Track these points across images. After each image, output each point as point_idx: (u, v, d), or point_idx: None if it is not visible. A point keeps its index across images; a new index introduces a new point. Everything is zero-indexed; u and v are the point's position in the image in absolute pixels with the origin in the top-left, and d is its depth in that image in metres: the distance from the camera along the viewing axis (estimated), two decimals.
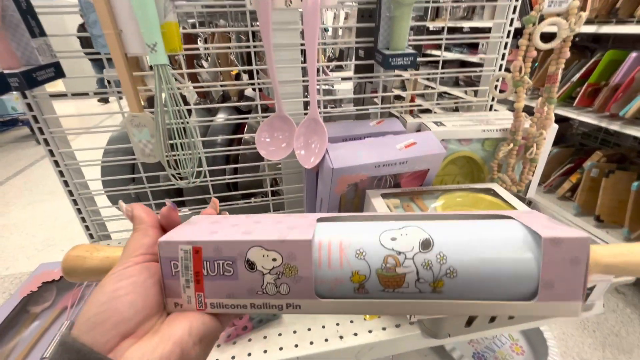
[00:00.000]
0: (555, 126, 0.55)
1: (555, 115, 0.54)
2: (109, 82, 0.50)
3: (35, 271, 0.55)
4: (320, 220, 0.24)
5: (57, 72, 0.47)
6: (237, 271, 0.21)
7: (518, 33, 0.52)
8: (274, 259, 0.21)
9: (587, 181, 1.48)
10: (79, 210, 0.61)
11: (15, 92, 0.47)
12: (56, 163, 0.56)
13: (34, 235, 1.86)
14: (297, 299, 0.21)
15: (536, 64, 1.61)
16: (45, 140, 0.54)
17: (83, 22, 0.43)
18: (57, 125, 0.55)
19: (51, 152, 0.55)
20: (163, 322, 0.21)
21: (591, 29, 1.35)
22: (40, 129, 0.53)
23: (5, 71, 0.40)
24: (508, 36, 0.62)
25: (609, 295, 1.40)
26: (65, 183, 0.58)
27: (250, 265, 0.21)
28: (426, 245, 0.21)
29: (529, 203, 0.54)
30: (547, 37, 0.47)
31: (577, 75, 1.47)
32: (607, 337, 1.24)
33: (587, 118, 1.42)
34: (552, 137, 0.57)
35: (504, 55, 0.64)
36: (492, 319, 0.41)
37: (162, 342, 0.19)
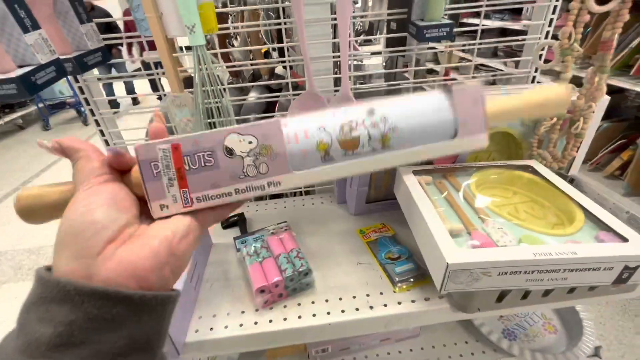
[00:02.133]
0: (607, 98, 0.51)
1: (609, 85, 0.50)
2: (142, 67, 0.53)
3: None
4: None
5: (104, 56, 0.50)
6: (217, 160, 0.22)
7: None
8: (250, 142, 0.23)
9: None
10: None
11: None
12: (106, 142, 0.61)
13: None
14: (276, 175, 0.23)
15: (588, 29, 1.45)
16: (96, 122, 0.59)
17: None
18: (106, 107, 0.59)
19: (101, 132, 0.60)
20: (145, 229, 0.21)
21: None
22: (91, 110, 0.57)
23: (61, 57, 0.43)
24: None
25: None
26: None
27: (229, 152, 0.22)
28: (370, 112, 0.25)
29: (572, 181, 0.51)
30: (601, 1, 0.43)
31: (637, 41, 1.32)
32: None
33: None
34: (603, 111, 0.53)
35: (551, 20, 0.59)
36: (525, 295, 0.41)
37: (149, 240, 0.20)
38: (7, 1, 0.35)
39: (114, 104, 3.60)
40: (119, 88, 3.90)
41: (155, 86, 2.71)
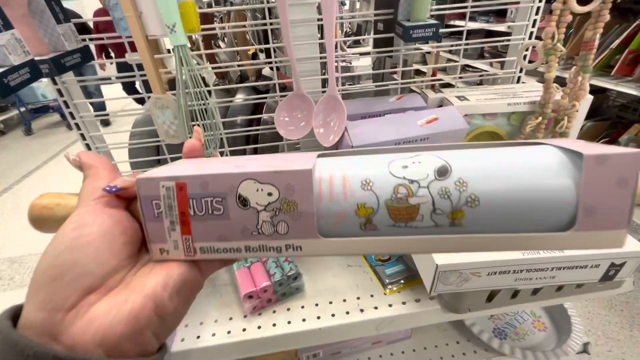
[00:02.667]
0: (590, 97, 0.52)
1: (591, 85, 0.50)
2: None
3: None
4: (321, 156, 0.21)
5: (83, 57, 0.48)
6: (227, 209, 0.18)
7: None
8: (270, 194, 0.18)
9: None
10: None
11: (44, 78, 0.49)
12: (88, 147, 0.59)
13: None
14: (298, 238, 0.19)
15: (570, 31, 1.49)
16: (77, 125, 0.57)
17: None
18: (87, 110, 0.57)
19: (82, 136, 0.58)
20: (135, 275, 0.18)
21: None
22: (71, 113, 0.55)
23: (36, 58, 0.42)
24: (541, 0, 0.57)
25: (635, 278, 1.35)
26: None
27: (243, 202, 0.18)
28: (443, 172, 0.18)
29: None
30: (583, 2, 0.43)
31: (617, 42, 1.36)
32: (635, 317, 1.21)
33: (626, 88, 1.32)
34: (586, 110, 0.54)
35: (535, 21, 0.60)
36: (514, 294, 0.41)
37: (133, 295, 0.17)
38: None
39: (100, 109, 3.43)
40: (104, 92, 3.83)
41: (133, 93, 2.52)
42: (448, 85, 0.64)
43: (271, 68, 0.58)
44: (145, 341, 0.17)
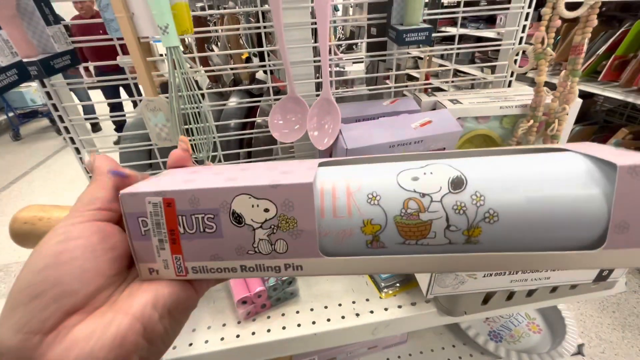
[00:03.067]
0: (579, 101, 0.53)
1: (579, 90, 0.52)
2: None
3: None
4: (322, 165, 0.19)
5: (73, 59, 0.47)
6: (220, 227, 0.17)
7: (540, 5, 0.49)
8: (266, 210, 0.16)
9: None
10: None
11: (33, 83, 0.48)
12: (77, 150, 0.58)
13: None
14: (298, 257, 0.17)
15: (558, 38, 1.53)
16: (66, 128, 0.55)
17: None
18: (76, 114, 0.56)
19: (72, 140, 0.57)
20: (122, 293, 0.17)
21: None
22: (60, 117, 0.54)
23: (24, 59, 0.41)
24: (530, 6, 0.58)
25: (630, 276, 1.37)
26: (87, 170, 0.60)
27: (237, 219, 0.17)
28: (458, 184, 0.16)
29: None
30: (571, 7, 0.44)
31: (603, 48, 1.40)
32: (627, 318, 1.22)
33: (613, 93, 1.35)
34: (576, 113, 0.54)
35: (524, 27, 0.61)
36: (510, 296, 0.41)
37: (118, 316, 0.15)
38: None
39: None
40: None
41: (117, 105, 2.42)
42: (440, 90, 0.65)
43: (265, 72, 0.58)
44: None
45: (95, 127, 3.07)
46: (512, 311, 0.47)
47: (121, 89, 2.69)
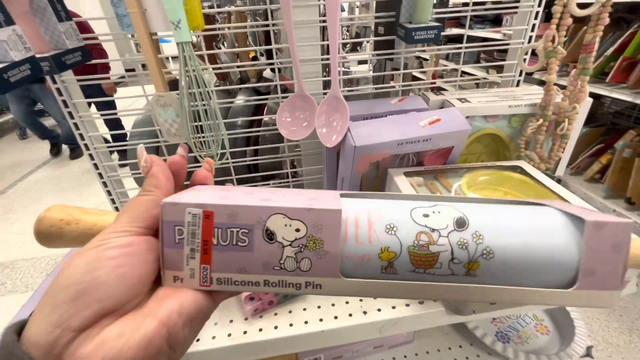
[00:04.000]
0: (590, 100, 0.53)
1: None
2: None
3: (69, 252, 0.59)
4: (343, 196, 0.22)
5: (84, 55, 0.48)
6: (252, 242, 0.18)
7: (549, 5, 0.49)
8: (297, 229, 0.18)
9: (619, 162, 1.41)
10: (108, 192, 0.64)
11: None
12: (86, 147, 0.58)
13: None
14: (319, 277, 0.19)
15: (566, 38, 1.52)
16: (75, 125, 0.56)
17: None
18: (86, 110, 0.57)
19: (81, 136, 0.57)
20: (149, 299, 0.18)
21: None
22: (70, 113, 0.55)
23: (37, 55, 0.41)
24: (540, 5, 0.58)
25: (638, 280, 1.35)
26: (95, 166, 0.60)
27: (270, 236, 0.18)
28: (461, 223, 0.19)
29: (559, 181, 0.52)
30: (584, 6, 0.44)
31: (611, 49, 1.38)
32: (634, 322, 1.21)
33: (621, 95, 1.34)
34: (586, 112, 0.54)
35: (534, 26, 0.60)
36: None
37: (146, 320, 0.16)
38: None
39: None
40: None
41: (114, 123, 2.19)
42: (445, 90, 0.64)
43: (272, 70, 0.58)
44: None
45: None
46: (520, 311, 0.47)
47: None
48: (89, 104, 0.55)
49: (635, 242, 0.20)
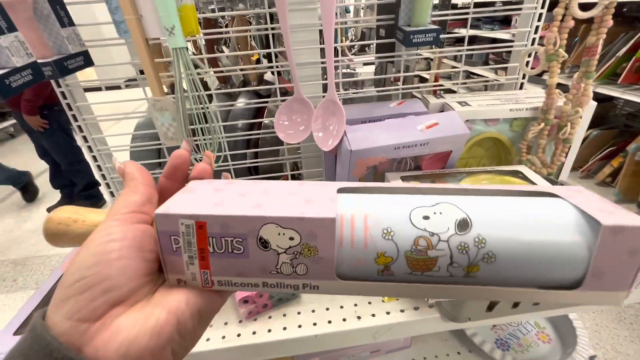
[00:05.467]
0: (594, 104, 0.51)
1: (597, 94, 0.50)
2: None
3: (72, 251, 0.60)
4: (340, 190, 0.21)
5: (86, 60, 0.49)
6: (247, 249, 0.19)
7: (554, 5, 0.48)
8: (291, 238, 0.18)
9: (631, 165, 1.37)
10: (111, 194, 0.65)
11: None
12: (89, 149, 0.59)
13: None
14: (316, 279, 0.19)
15: (576, 40, 1.48)
16: (79, 127, 0.57)
17: None
18: (89, 113, 0.58)
19: (85, 138, 0.58)
20: (157, 291, 0.19)
21: None
22: (74, 116, 0.56)
23: (39, 60, 0.42)
24: (543, 7, 0.57)
25: None
26: (99, 167, 0.62)
27: (264, 244, 0.18)
28: (463, 226, 0.18)
29: (561, 185, 0.51)
30: (586, 7, 0.43)
31: (624, 50, 1.35)
32: None
33: (633, 96, 1.30)
34: (590, 116, 0.53)
35: (537, 28, 0.59)
36: (515, 304, 0.40)
37: (157, 310, 0.17)
38: None
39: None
40: None
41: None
42: (451, 92, 0.64)
43: (272, 73, 0.58)
44: (166, 358, 0.17)
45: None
46: (519, 319, 0.46)
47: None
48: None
49: None
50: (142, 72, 0.51)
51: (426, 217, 0.19)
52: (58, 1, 0.45)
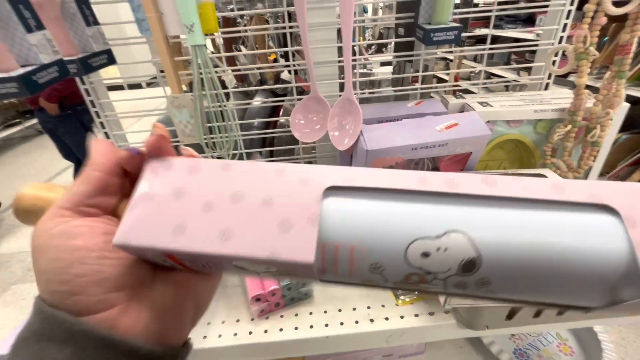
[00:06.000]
0: (626, 105, 0.49)
1: (627, 95, 0.47)
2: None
3: None
4: (327, 192, 0.17)
5: (109, 58, 0.50)
6: (224, 269, 0.18)
7: (583, 3, 0.46)
8: (267, 268, 0.17)
9: None
10: None
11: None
12: None
13: None
14: (301, 279, 0.21)
15: (605, 39, 1.42)
16: (101, 124, 0.59)
17: None
18: (111, 110, 0.59)
19: (106, 135, 0.60)
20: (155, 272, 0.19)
21: None
22: (97, 112, 0.58)
23: (65, 58, 0.44)
24: (572, 3, 0.54)
25: None
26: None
27: (240, 269, 0.17)
28: (469, 267, 0.15)
29: None
30: (620, 4, 0.41)
31: None
32: None
33: None
34: (621, 118, 0.50)
35: (565, 25, 0.57)
36: (537, 313, 0.38)
37: (166, 286, 0.18)
38: (12, 1, 0.35)
39: None
40: None
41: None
42: (470, 93, 0.62)
43: (289, 71, 0.58)
44: (186, 330, 0.19)
45: None
46: (540, 329, 0.44)
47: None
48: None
49: None
50: (162, 72, 0.52)
51: (426, 255, 0.15)
52: (84, 0, 0.46)
